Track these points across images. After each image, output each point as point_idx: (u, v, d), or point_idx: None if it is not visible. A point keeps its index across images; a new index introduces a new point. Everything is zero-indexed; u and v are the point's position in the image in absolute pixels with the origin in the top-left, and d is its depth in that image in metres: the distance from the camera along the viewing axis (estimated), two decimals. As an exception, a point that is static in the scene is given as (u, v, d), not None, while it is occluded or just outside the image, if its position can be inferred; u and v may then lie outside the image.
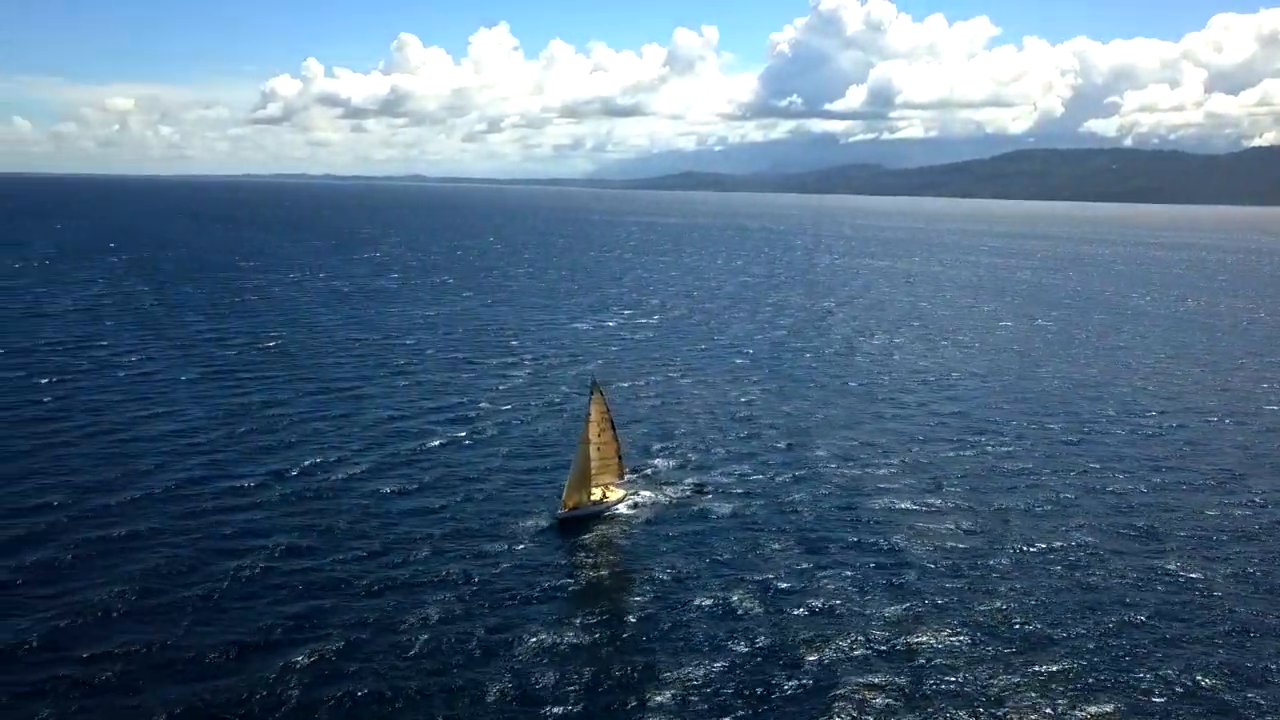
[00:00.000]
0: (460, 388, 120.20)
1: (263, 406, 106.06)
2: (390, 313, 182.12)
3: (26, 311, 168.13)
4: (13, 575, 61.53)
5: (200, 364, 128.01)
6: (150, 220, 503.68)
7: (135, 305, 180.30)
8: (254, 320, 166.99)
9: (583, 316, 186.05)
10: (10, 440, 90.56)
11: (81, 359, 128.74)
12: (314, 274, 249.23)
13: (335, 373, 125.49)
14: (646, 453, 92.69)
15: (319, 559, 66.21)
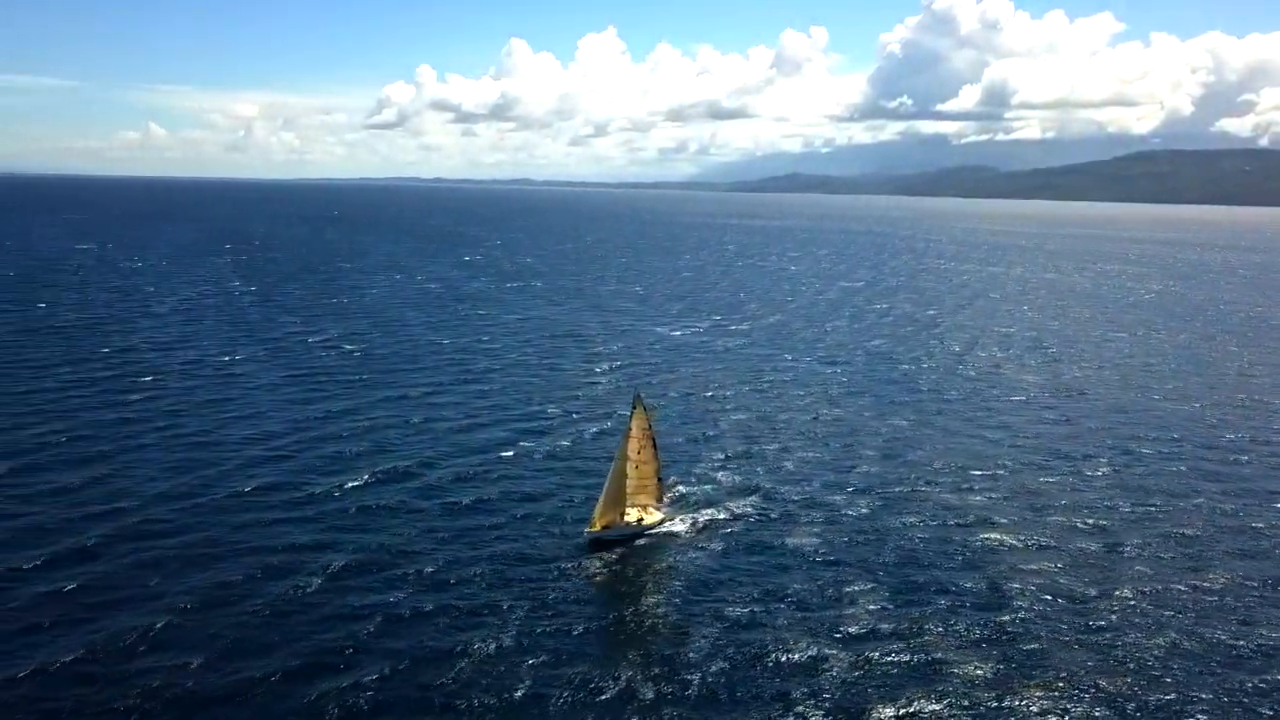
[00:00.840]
0: (535, 395, 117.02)
1: (339, 414, 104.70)
2: (477, 316, 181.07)
3: (136, 311, 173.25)
4: (57, 584, 60.55)
5: (286, 366, 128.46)
6: (265, 223, 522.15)
7: (235, 306, 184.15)
8: (345, 322, 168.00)
9: (671, 322, 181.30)
10: (93, 441, 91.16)
11: (173, 359, 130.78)
12: (410, 276, 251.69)
13: (414, 378, 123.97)
14: (710, 472, 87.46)
15: (365, 577, 63.23)
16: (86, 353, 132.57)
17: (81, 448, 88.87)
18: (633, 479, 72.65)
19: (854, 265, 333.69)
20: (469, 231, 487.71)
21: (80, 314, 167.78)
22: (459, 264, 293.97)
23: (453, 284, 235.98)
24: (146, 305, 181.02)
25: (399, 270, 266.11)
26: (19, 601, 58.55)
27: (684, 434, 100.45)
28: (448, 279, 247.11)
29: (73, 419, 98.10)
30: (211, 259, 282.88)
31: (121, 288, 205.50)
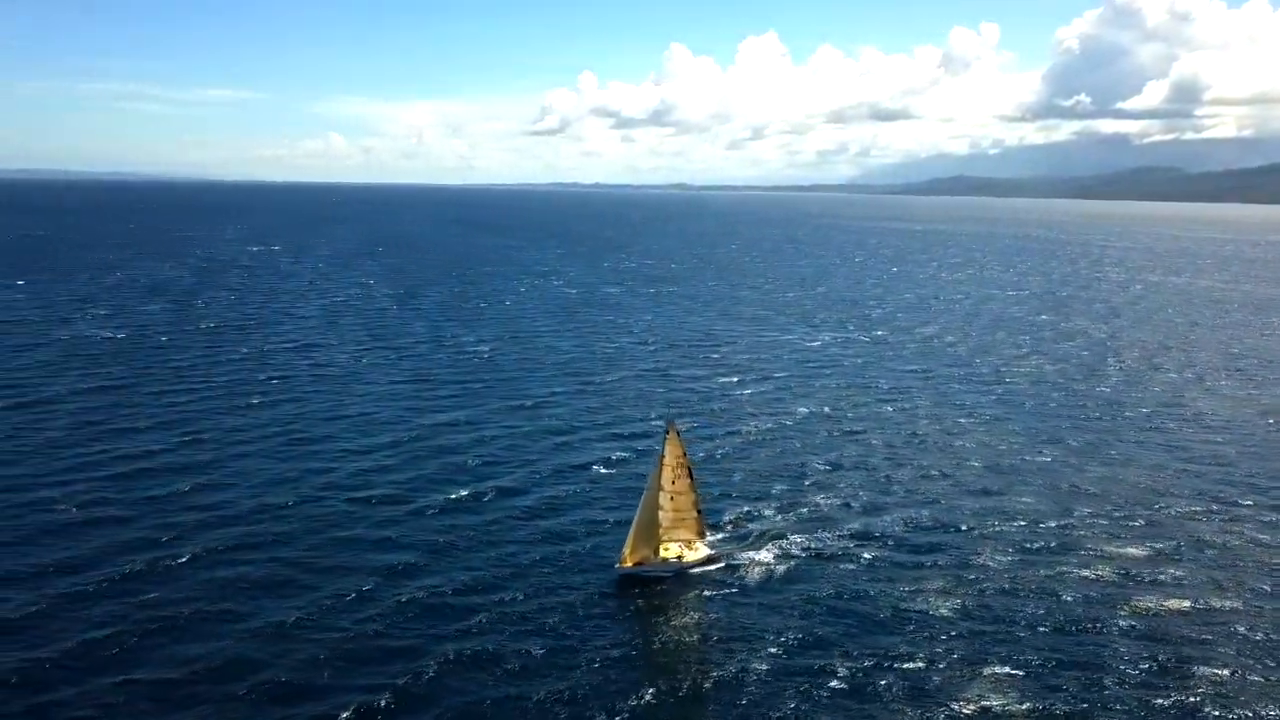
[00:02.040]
0: (645, 404, 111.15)
1: (449, 425, 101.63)
2: (606, 322, 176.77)
3: (281, 313, 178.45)
4: (138, 597, 58.77)
5: (409, 372, 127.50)
6: (423, 227, 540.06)
7: (375, 309, 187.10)
8: (476, 328, 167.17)
9: (807, 331, 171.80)
10: (206, 447, 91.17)
11: (303, 362, 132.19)
12: (550, 281, 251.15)
13: (528, 384, 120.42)
14: (794, 503, 78.89)
15: (413, 589, 58.93)
16: (223, 354, 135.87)
17: (192, 453, 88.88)
18: (668, 511, 65.71)
19: (1022, 273, 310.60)
20: (618, 237, 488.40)
21: (230, 314, 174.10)
22: (600, 269, 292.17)
23: (590, 289, 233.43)
24: (293, 307, 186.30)
25: (540, 275, 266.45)
26: (99, 612, 56.87)
27: (780, 456, 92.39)
28: (586, 284, 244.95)
29: (193, 424, 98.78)
30: (366, 262, 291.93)
31: (275, 290, 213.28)
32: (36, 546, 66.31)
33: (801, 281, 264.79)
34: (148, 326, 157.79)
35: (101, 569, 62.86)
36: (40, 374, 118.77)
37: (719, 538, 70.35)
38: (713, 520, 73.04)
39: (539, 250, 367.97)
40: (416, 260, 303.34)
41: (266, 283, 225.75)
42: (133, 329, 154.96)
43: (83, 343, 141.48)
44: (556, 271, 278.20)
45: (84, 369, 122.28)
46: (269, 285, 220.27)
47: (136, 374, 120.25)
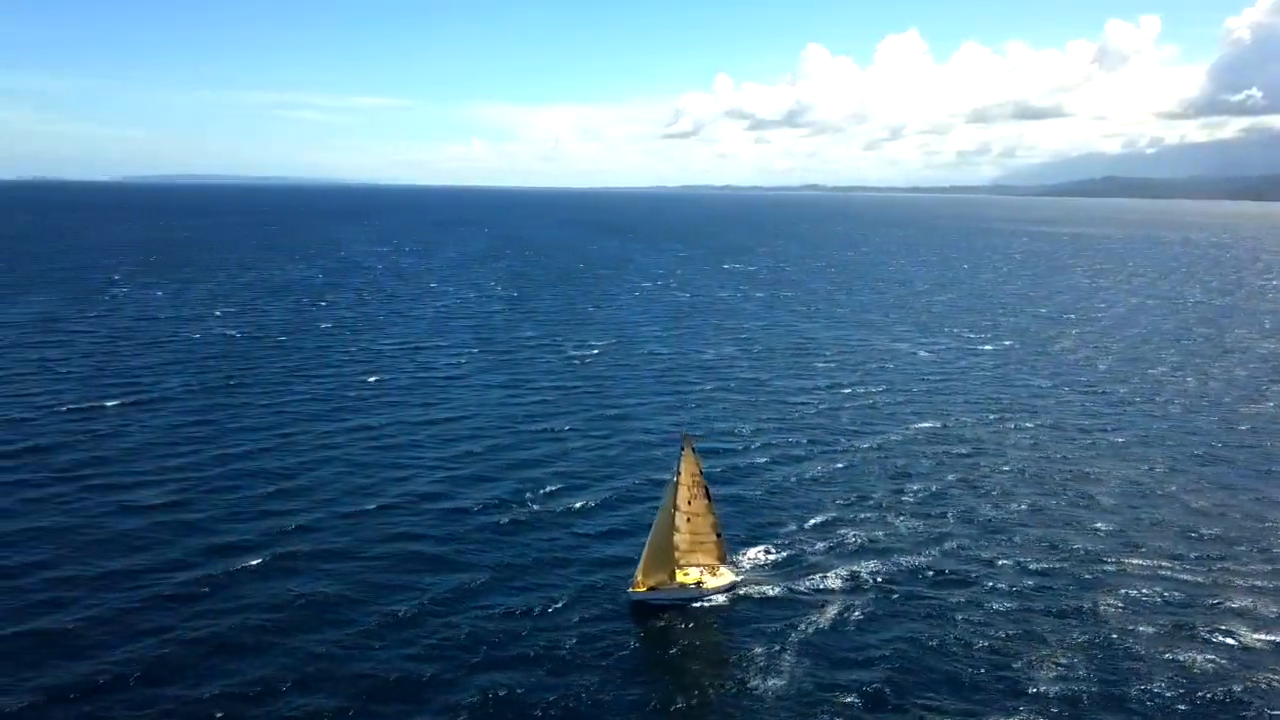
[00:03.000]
0: (735, 416, 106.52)
1: (535, 433, 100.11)
2: (711, 328, 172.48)
3: (397, 314, 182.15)
4: (189, 584, 58.92)
5: (506, 375, 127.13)
6: (550, 230, 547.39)
7: (486, 311, 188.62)
8: (580, 330, 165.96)
9: (920, 338, 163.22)
10: (296, 447, 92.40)
11: (406, 363, 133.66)
12: (664, 283, 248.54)
13: (621, 392, 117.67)
14: (851, 527, 73.45)
15: (450, 613, 56.58)
16: (332, 355, 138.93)
17: (282, 456, 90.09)
18: (684, 533, 61.09)
19: (1178, 282, 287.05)
20: (743, 239, 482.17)
21: (348, 314, 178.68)
22: (718, 272, 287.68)
23: (704, 293, 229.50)
24: (409, 309, 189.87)
25: (657, 278, 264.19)
26: (149, 619, 57.21)
27: (860, 477, 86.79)
28: (701, 287, 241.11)
29: (289, 426, 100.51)
30: (488, 264, 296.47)
31: (395, 292, 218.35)
32: (111, 546, 67.70)
33: (928, 287, 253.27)
34: (268, 326, 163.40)
35: (165, 573, 63.60)
36: (159, 372, 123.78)
37: (758, 563, 65.81)
38: (762, 544, 68.74)
39: (660, 253, 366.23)
40: (538, 263, 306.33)
41: (388, 285, 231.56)
42: (253, 328, 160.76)
43: (204, 341, 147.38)
44: (674, 274, 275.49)
45: (199, 367, 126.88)
46: (390, 287, 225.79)
47: (246, 374, 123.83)
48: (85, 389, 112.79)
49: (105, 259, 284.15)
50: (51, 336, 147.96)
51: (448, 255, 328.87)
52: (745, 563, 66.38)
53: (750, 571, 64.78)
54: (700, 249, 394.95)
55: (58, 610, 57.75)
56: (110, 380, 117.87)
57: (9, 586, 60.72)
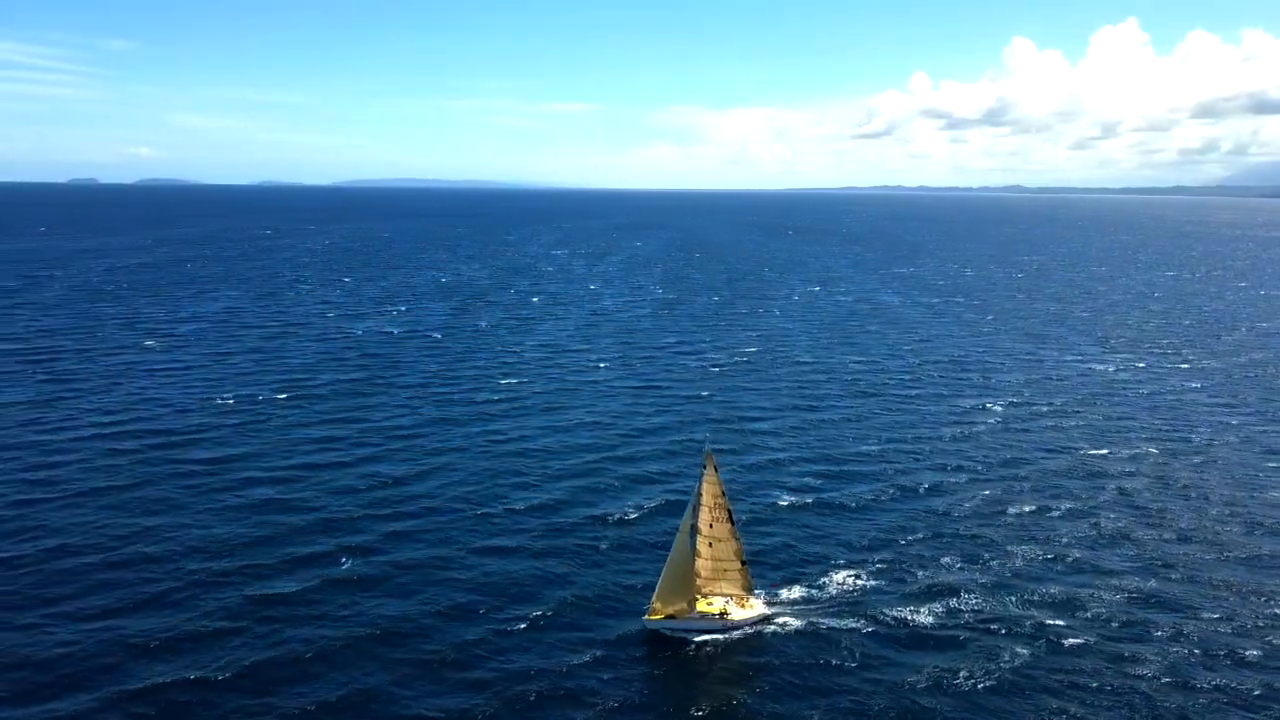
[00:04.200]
0: (867, 434, 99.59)
1: (653, 430, 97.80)
2: (866, 334, 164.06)
3: (549, 316, 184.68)
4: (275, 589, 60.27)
5: (640, 379, 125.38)
6: (726, 231, 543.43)
7: (637, 315, 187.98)
8: (730, 335, 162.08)
9: (1091, 352, 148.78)
10: (420, 447, 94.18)
11: (547, 366, 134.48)
12: (829, 287, 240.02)
13: (751, 403, 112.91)
14: (939, 558, 65.68)
15: (502, 642, 54.41)
16: (480, 356, 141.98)
17: (405, 456, 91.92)
18: (706, 559, 55.73)
19: None
20: (926, 240, 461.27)
21: (505, 315, 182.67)
22: (889, 275, 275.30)
23: (869, 297, 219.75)
24: (564, 311, 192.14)
25: (823, 281, 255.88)
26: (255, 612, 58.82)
27: (977, 504, 78.63)
28: (867, 291, 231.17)
29: (421, 426, 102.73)
30: (656, 267, 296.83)
31: (556, 293, 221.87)
32: (213, 540, 70.32)
33: (1125, 298, 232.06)
34: (427, 325, 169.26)
35: (253, 572, 65.12)
36: (314, 368, 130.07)
37: (804, 597, 60.15)
38: (824, 575, 62.88)
39: (834, 256, 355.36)
40: (705, 266, 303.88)
41: (551, 287, 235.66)
42: (412, 327, 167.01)
43: (364, 339, 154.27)
44: (844, 278, 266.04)
45: (354, 365, 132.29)
46: (553, 290, 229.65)
47: (393, 372, 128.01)
48: (243, 381, 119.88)
49: (302, 257, 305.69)
50: (229, 329, 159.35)
51: (617, 258, 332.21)
52: (786, 594, 61.04)
53: (787, 605, 59.19)
54: (878, 251, 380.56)
55: (151, 590, 60.37)
56: (268, 374, 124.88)
57: (107, 569, 64.16)
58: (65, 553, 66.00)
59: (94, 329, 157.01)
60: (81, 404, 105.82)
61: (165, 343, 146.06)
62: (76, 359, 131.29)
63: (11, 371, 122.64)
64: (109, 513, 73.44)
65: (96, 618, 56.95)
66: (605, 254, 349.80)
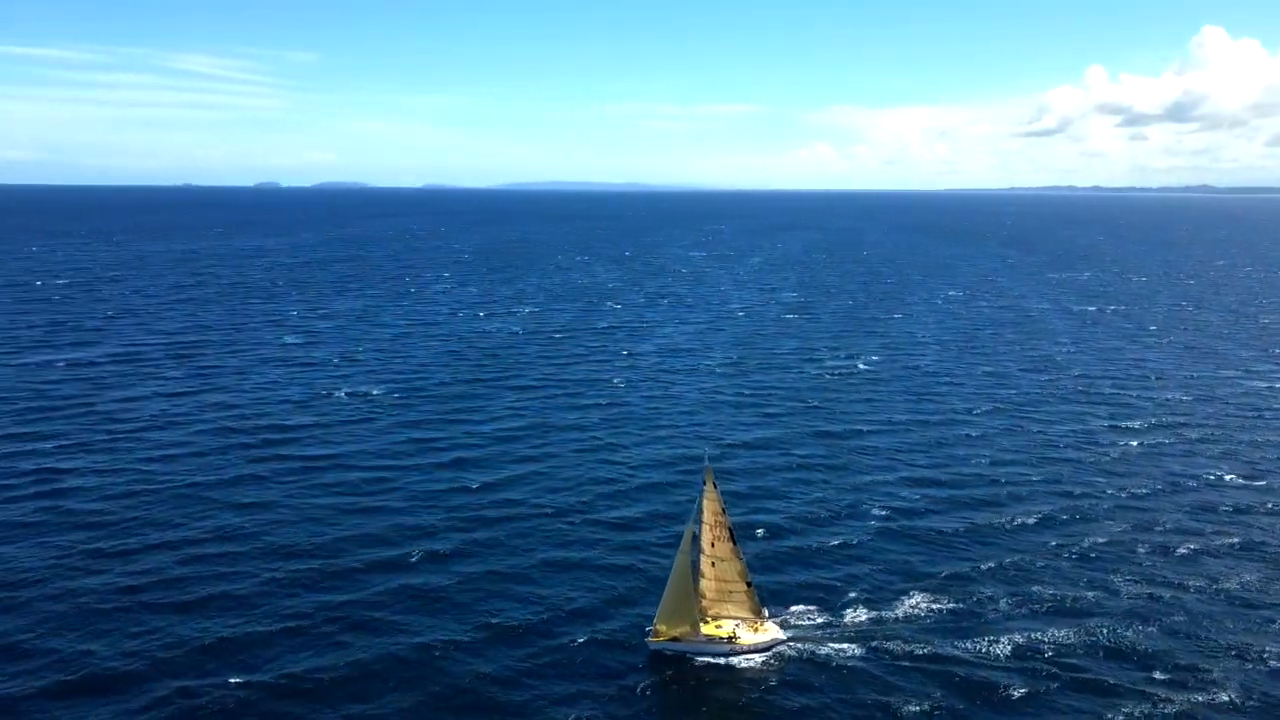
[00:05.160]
0: (1001, 451, 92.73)
1: (754, 444, 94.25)
2: (1005, 344, 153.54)
3: (678, 320, 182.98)
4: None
5: (746, 387, 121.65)
6: (875, 235, 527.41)
7: (760, 318, 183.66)
8: (857, 341, 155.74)
9: (1259, 368, 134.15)
10: (507, 449, 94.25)
11: (654, 369, 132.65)
12: (974, 292, 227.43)
13: (853, 412, 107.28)
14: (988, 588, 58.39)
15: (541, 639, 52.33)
16: (593, 356, 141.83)
17: (482, 463, 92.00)
18: (710, 579, 52.85)
19: None
20: (1092, 244, 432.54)
21: (627, 317, 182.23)
22: (1042, 282, 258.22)
23: (1014, 304, 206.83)
24: (686, 313, 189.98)
25: (967, 287, 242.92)
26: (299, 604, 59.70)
27: (1064, 535, 70.67)
28: (1015, 298, 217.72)
29: (508, 432, 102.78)
30: (793, 269, 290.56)
31: (684, 296, 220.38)
32: (297, 539, 71.86)
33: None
34: (552, 325, 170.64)
35: (331, 574, 66.01)
36: (433, 365, 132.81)
37: (829, 623, 55.90)
38: (900, 597, 57.67)
39: (986, 258, 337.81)
40: (844, 269, 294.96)
41: (681, 289, 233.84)
42: (537, 326, 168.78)
43: (488, 336, 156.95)
44: (991, 282, 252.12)
45: (473, 364, 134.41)
46: (682, 292, 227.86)
47: (509, 373, 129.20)
48: (363, 379, 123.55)
49: (447, 258, 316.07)
50: (362, 327, 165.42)
51: (755, 260, 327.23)
52: (812, 620, 57.15)
53: (811, 630, 55.45)
54: (1036, 255, 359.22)
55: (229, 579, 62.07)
56: (388, 372, 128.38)
57: (197, 553, 66.45)
58: (158, 545, 68.61)
59: (241, 324, 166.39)
60: (211, 397, 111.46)
61: (302, 338, 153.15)
62: (218, 353, 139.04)
63: (157, 362, 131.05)
64: (204, 505, 76.23)
65: (170, 610, 58.74)
66: (744, 256, 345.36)
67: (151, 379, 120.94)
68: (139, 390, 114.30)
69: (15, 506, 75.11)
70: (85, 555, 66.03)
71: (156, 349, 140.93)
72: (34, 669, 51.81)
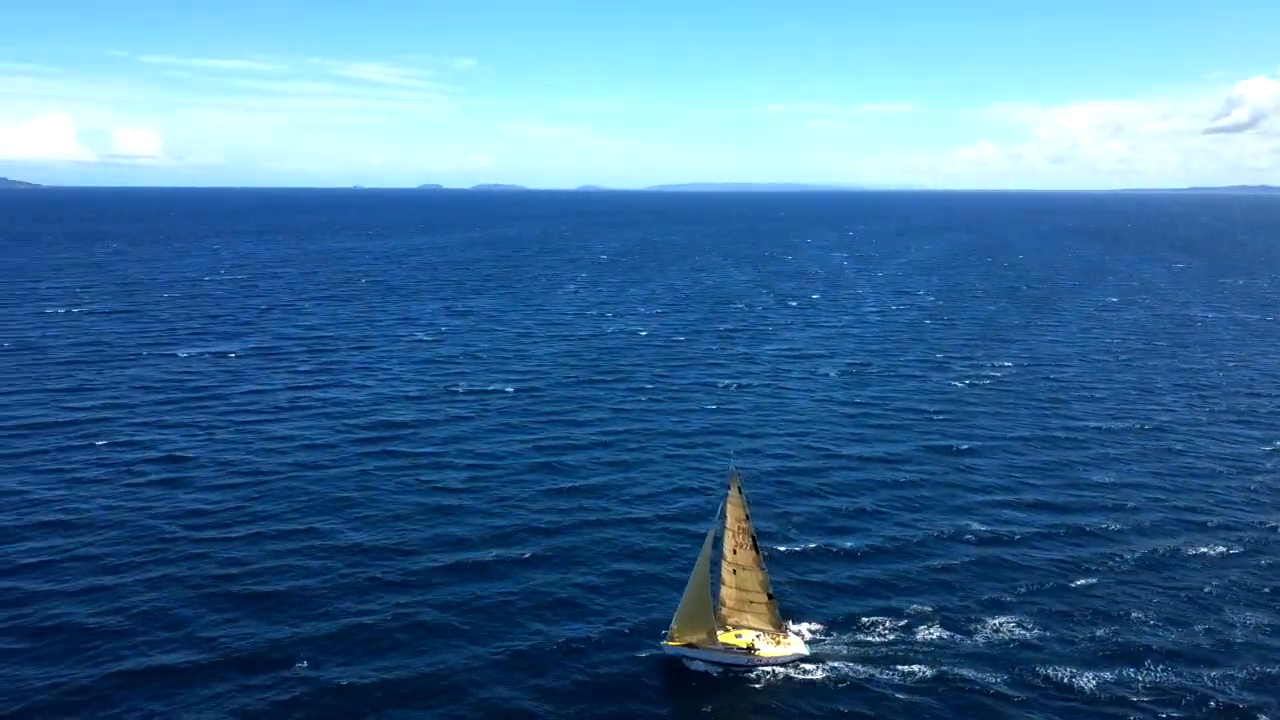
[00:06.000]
0: (1132, 475, 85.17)
1: (866, 460, 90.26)
2: (1157, 354, 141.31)
3: (800, 320, 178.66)
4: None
5: (873, 395, 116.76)
6: (1029, 238, 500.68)
7: (891, 322, 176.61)
8: (990, 350, 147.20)
9: None
10: (609, 447, 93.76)
11: (767, 375, 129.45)
12: (1130, 298, 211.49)
13: (974, 425, 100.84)
14: None
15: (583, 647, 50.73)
16: (708, 357, 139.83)
17: (566, 465, 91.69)
18: (731, 588, 51.09)
19: None
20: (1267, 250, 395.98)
21: (751, 318, 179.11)
22: (1211, 289, 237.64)
23: (1176, 312, 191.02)
24: (814, 316, 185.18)
25: (1124, 293, 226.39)
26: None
27: (1228, 580, 61.77)
28: (1176, 306, 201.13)
29: (598, 431, 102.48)
30: (935, 273, 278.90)
31: (814, 298, 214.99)
32: (382, 537, 73.33)
33: None
34: (675, 328, 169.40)
35: (408, 575, 67.00)
36: (551, 367, 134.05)
37: (863, 640, 52.82)
38: (968, 621, 52.58)
39: (1151, 263, 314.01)
40: (988, 272, 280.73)
41: (813, 291, 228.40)
42: (659, 328, 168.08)
43: (605, 337, 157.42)
44: (1151, 289, 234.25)
45: (590, 364, 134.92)
46: (813, 294, 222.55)
47: (624, 374, 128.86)
48: (480, 376, 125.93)
49: (584, 258, 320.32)
50: (493, 323, 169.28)
51: (898, 262, 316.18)
52: (851, 637, 54.21)
53: (838, 647, 52.76)
54: (1210, 260, 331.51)
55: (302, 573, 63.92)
56: (505, 370, 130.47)
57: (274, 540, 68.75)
58: (249, 536, 71.08)
59: (376, 320, 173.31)
60: (332, 392, 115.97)
61: (431, 335, 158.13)
62: (350, 348, 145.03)
63: (293, 356, 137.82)
64: (305, 499, 78.76)
65: (250, 600, 60.80)
66: (888, 257, 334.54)
67: (284, 372, 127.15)
68: (269, 383, 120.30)
69: (135, 493, 79.61)
70: (188, 542, 69.29)
71: (295, 343, 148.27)
72: (113, 652, 54.21)
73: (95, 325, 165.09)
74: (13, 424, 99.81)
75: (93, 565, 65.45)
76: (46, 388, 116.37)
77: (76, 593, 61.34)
